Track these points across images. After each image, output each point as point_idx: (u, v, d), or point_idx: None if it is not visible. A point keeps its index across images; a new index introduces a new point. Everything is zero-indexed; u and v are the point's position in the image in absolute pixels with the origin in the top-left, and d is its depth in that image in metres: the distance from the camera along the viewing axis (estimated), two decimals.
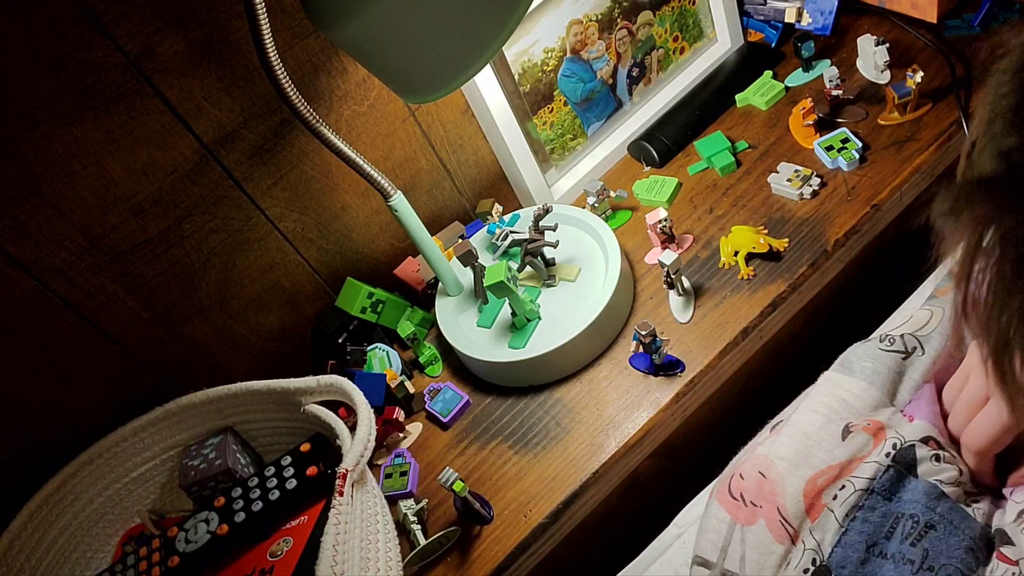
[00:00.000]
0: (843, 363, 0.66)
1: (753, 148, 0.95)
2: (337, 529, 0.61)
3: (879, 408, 0.62)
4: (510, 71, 0.90)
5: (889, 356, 0.64)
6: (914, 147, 0.87)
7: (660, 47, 1.02)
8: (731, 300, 0.82)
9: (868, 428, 0.61)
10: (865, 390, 0.62)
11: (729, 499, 0.63)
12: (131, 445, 0.81)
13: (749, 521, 0.61)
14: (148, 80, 0.72)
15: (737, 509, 0.62)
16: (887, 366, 0.64)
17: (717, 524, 0.62)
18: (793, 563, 0.58)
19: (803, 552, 0.58)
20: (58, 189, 0.71)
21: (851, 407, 0.62)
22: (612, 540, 0.87)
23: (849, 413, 0.62)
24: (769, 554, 0.59)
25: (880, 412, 0.62)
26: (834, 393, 0.63)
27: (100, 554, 0.82)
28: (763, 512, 0.61)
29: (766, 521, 0.60)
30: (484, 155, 0.98)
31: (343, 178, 0.88)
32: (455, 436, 0.83)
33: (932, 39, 0.96)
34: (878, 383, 0.62)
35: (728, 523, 0.62)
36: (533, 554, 0.74)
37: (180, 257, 0.81)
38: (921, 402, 0.62)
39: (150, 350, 0.83)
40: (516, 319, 0.83)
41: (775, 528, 0.60)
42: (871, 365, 0.64)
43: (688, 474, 0.77)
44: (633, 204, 0.96)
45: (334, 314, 0.90)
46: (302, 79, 0.80)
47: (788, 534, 0.59)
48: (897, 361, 0.64)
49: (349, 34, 0.65)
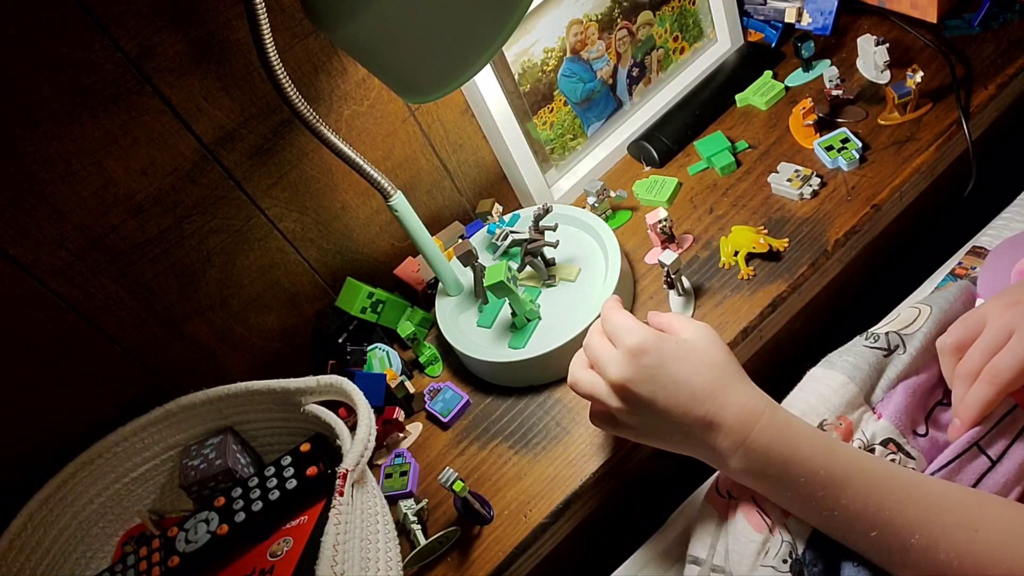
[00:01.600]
0: (827, 360, 0.67)
1: (753, 148, 0.95)
2: (337, 529, 0.61)
3: (853, 404, 0.63)
4: (510, 71, 0.90)
5: (871, 352, 0.65)
6: (914, 147, 0.87)
7: (660, 47, 1.02)
8: (731, 300, 0.82)
9: (840, 428, 0.62)
10: (844, 385, 0.64)
11: (717, 497, 0.65)
12: (131, 445, 0.81)
13: (731, 515, 0.63)
14: (148, 80, 0.72)
15: (723, 505, 0.64)
16: (868, 362, 0.65)
17: (707, 522, 0.64)
18: (772, 552, 0.59)
19: (780, 543, 0.59)
20: (58, 189, 0.71)
21: (828, 401, 0.63)
22: (612, 540, 0.87)
23: (825, 408, 0.63)
24: (748, 543, 0.60)
25: (853, 409, 0.63)
26: (814, 389, 0.65)
27: (100, 554, 0.82)
28: (740, 502, 0.62)
29: (743, 512, 0.62)
30: (484, 155, 0.98)
31: (343, 178, 0.88)
32: (455, 436, 0.83)
33: (932, 39, 0.96)
34: (858, 379, 0.64)
35: (717, 520, 0.64)
36: (533, 554, 0.74)
37: (180, 257, 0.81)
38: (891, 400, 0.63)
39: (150, 350, 0.83)
40: (516, 319, 0.83)
41: (752, 517, 0.61)
42: (852, 360, 0.65)
43: (688, 474, 0.77)
44: (633, 204, 0.96)
45: (334, 314, 0.90)
46: (302, 79, 0.80)
47: (765, 523, 0.60)
48: (878, 358, 0.65)
49: (349, 34, 0.65)
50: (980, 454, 0.59)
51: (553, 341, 0.79)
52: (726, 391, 0.59)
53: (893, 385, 0.64)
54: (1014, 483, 0.58)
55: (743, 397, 0.59)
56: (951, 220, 0.96)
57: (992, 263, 0.73)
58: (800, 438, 0.57)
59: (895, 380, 0.64)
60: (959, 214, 0.94)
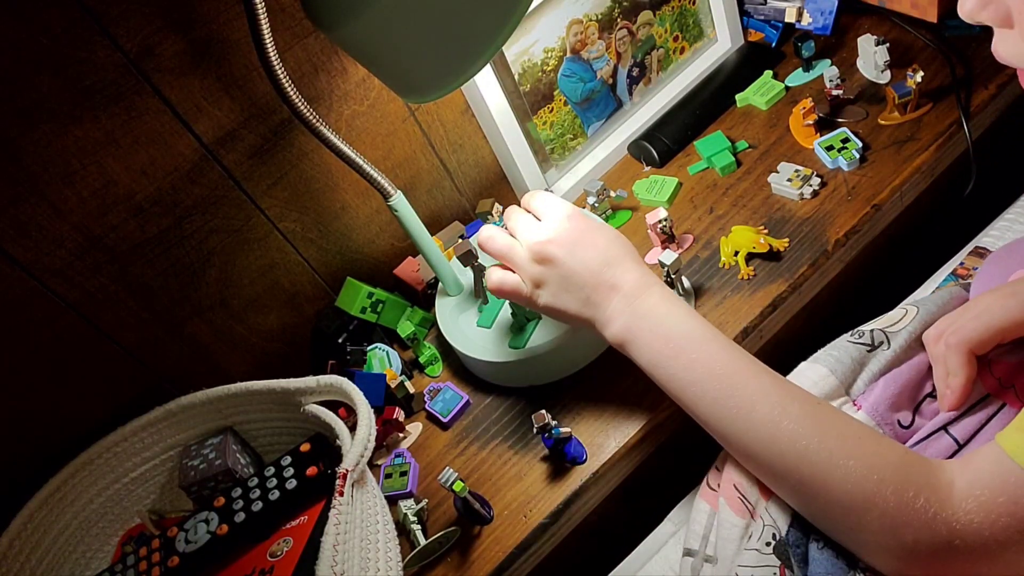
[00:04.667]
0: (814, 356, 0.70)
1: (753, 148, 0.95)
2: (337, 529, 0.60)
3: (832, 396, 0.66)
4: (510, 71, 0.90)
5: (855, 347, 0.68)
6: (914, 147, 0.87)
7: (660, 47, 1.02)
8: (731, 300, 0.82)
9: None
10: (825, 377, 0.67)
11: (708, 491, 0.68)
12: (131, 445, 0.81)
13: (717, 505, 0.66)
14: (148, 80, 0.72)
15: (713, 498, 0.67)
16: (851, 356, 0.68)
17: (699, 516, 0.67)
18: (755, 536, 0.62)
19: (763, 527, 0.62)
20: (58, 189, 0.71)
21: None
22: (612, 540, 0.87)
23: None
24: (732, 527, 0.63)
25: (832, 400, 0.66)
26: (796, 382, 0.67)
27: (100, 554, 0.82)
28: (722, 491, 0.66)
29: (726, 499, 0.65)
30: (484, 155, 0.98)
31: (343, 178, 0.88)
32: (455, 436, 0.83)
33: (932, 39, 0.96)
34: (839, 372, 0.67)
35: (708, 513, 0.67)
36: (533, 554, 0.74)
37: (180, 257, 0.81)
38: (872, 393, 0.66)
39: (150, 350, 0.83)
40: (516, 319, 0.83)
41: (734, 503, 0.64)
42: (836, 354, 0.68)
43: (688, 474, 0.77)
44: (633, 204, 0.96)
45: (334, 314, 0.90)
46: (302, 79, 0.80)
47: (747, 508, 0.63)
48: (862, 353, 0.68)
49: (349, 34, 0.65)
50: (945, 435, 0.62)
51: (553, 341, 0.79)
52: (626, 262, 0.69)
53: (875, 379, 0.67)
54: None
55: (641, 269, 0.69)
56: (951, 220, 0.96)
57: (987, 269, 0.74)
58: (678, 305, 0.66)
59: (877, 374, 0.67)
60: (959, 214, 0.94)
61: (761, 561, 0.60)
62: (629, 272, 0.68)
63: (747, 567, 0.60)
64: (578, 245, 0.68)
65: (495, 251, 0.72)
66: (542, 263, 0.69)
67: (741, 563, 0.61)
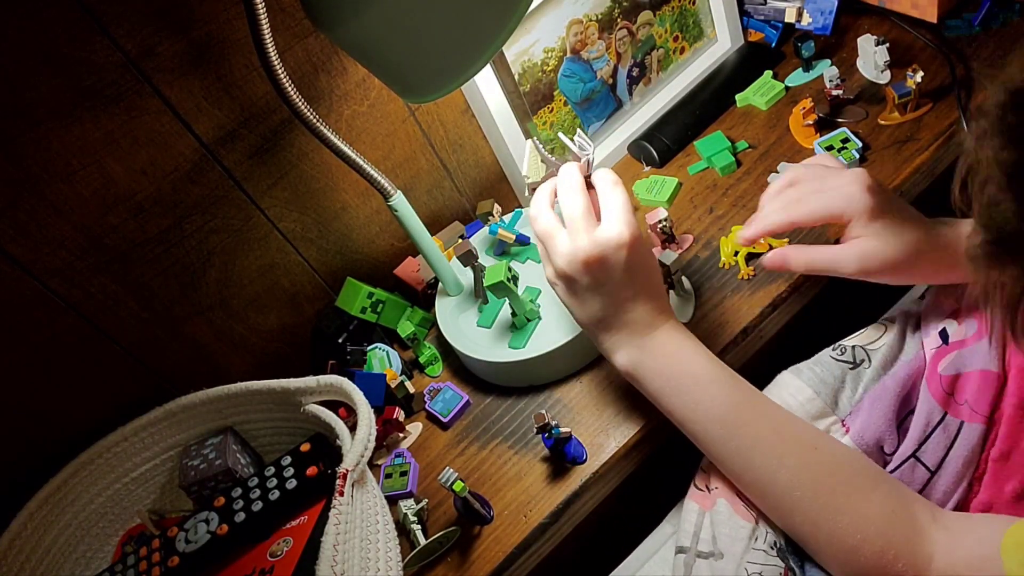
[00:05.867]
0: (797, 367, 0.73)
1: (753, 148, 0.95)
2: (337, 529, 0.61)
3: (819, 418, 0.69)
4: (510, 71, 0.89)
5: (837, 365, 0.71)
6: (914, 147, 0.87)
7: (660, 47, 1.02)
8: (731, 300, 0.82)
9: None
10: (810, 400, 0.69)
11: (696, 492, 0.70)
12: (131, 445, 0.81)
13: (712, 505, 0.68)
14: (148, 80, 0.72)
15: (703, 498, 0.69)
16: (833, 375, 0.71)
17: (689, 515, 0.69)
18: (760, 539, 0.65)
19: (766, 533, 0.65)
20: (58, 189, 0.71)
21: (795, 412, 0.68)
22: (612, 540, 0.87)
23: None
24: (739, 528, 0.65)
25: (820, 422, 0.69)
26: (780, 395, 0.70)
27: (100, 554, 0.82)
28: (720, 493, 0.68)
29: (727, 501, 0.67)
30: (484, 155, 0.98)
31: (343, 178, 0.88)
32: (455, 436, 0.83)
33: (932, 39, 0.96)
34: (824, 393, 0.70)
35: (697, 512, 0.68)
36: (533, 554, 0.74)
37: (180, 257, 0.81)
38: (858, 416, 0.68)
39: (150, 350, 0.83)
40: (516, 319, 0.83)
41: (737, 507, 0.66)
42: (819, 372, 0.71)
43: (688, 475, 0.77)
44: (633, 204, 0.96)
45: (334, 314, 0.90)
46: (302, 79, 0.80)
47: (751, 514, 0.66)
48: (844, 371, 0.71)
49: (349, 34, 0.65)
50: (918, 464, 0.65)
51: (553, 341, 0.79)
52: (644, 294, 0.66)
53: (859, 396, 0.69)
54: (953, 489, 0.64)
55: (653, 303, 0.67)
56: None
57: None
58: (685, 344, 0.67)
59: (861, 392, 0.69)
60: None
61: (768, 561, 0.63)
62: (643, 305, 0.66)
63: (755, 564, 0.63)
64: (623, 272, 0.64)
65: (540, 231, 0.67)
66: (585, 267, 0.64)
67: (750, 560, 0.64)
